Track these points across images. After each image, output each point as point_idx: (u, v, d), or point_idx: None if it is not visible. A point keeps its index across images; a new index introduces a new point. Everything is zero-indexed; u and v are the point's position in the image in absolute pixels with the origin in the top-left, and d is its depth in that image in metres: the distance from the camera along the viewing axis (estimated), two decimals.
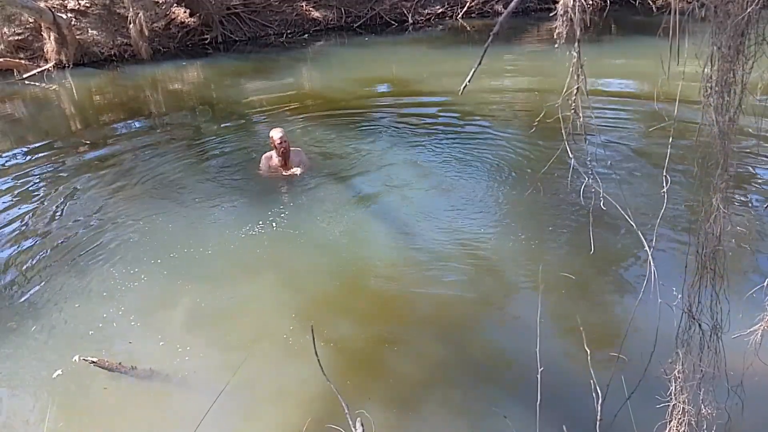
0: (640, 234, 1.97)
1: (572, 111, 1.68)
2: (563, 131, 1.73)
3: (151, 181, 5.52)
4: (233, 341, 3.42)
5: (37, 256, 4.33)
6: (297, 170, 5.31)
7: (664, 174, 1.83)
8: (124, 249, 4.33)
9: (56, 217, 4.94)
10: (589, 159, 1.85)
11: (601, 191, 1.81)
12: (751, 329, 1.79)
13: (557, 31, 1.64)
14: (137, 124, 7.70)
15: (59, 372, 3.14)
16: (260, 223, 4.62)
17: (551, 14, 1.72)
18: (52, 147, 6.89)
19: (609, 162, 5.00)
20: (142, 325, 3.57)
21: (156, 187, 5.40)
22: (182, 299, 3.79)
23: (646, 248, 1.89)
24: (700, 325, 1.76)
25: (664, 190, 1.83)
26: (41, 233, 4.69)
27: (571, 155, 1.76)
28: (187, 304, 3.73)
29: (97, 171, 5.87)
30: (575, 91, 1.68)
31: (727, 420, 1.93)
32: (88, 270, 4.10)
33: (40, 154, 6.63)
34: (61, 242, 4.51)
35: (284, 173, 5.31)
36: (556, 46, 1.66)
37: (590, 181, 1.83)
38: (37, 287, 3.95)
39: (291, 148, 5.31)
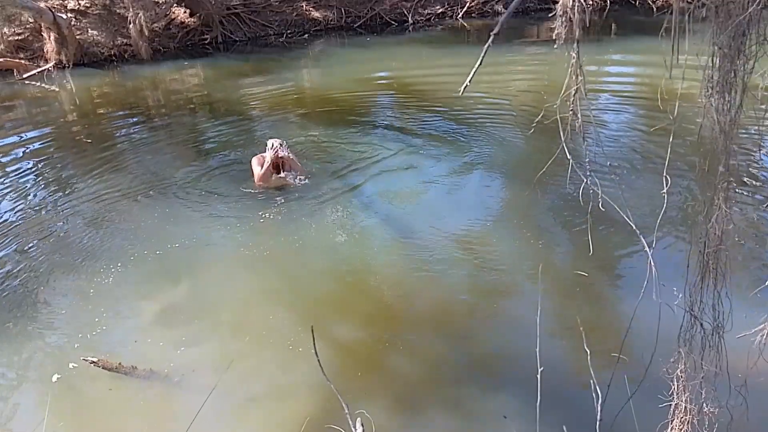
0: (639, 234, 1.96)
1: (570, 111, 1.68)
2: (561, 132, 1.73)
3: (151, 182, 5.52)
4: (233, 341, 3.42)
5: (34, 256, 4.33)
6: (290, 177, 5.10)
7: (665, 174, 1.83)
8: (122, 249, 4.33)
9: (53, 217, 4.94)
10: (587, 160, 1.85)
11: (600, 192, 1.81)
12: (757, 329, 1.78)
13: (556, 31, 1.64)
14: (137, 124, 7.70)
15: (58, 376, 3.13)
16: (260, 223, 4.62)
17: (550, 14, 1.72)
18: (52, 147, 6.89)
19: (608, 162, 5.00)
20: (141, 325, 3.57)
21: (155, 187, 5.40)
22: (181, 299, 3.79)
23: (646, 248, 1.89)
24: (702, 324, 1.76)
25: (665, 190, 1.83)
26: (38, 233, 4.68)
27: (569, 156, 1.76)
28: (185, 304, 3.73)
29: (96, 171, 5.86)
30: (574, 91, 1.68)
31: (730, 420, 1.92)
32: (85, 270, 4.10)
33: (40, 154, 6.63)
34: (58, 242, 4.51)
35: (276, 179, 5.12)
36: (555, 46, 1.65)
37: (588, 181, 1.83)
38: (34, 288, 3.95)
39: (286, 154, 5.10)
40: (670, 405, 1.89)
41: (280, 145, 5.07)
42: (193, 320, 3.58)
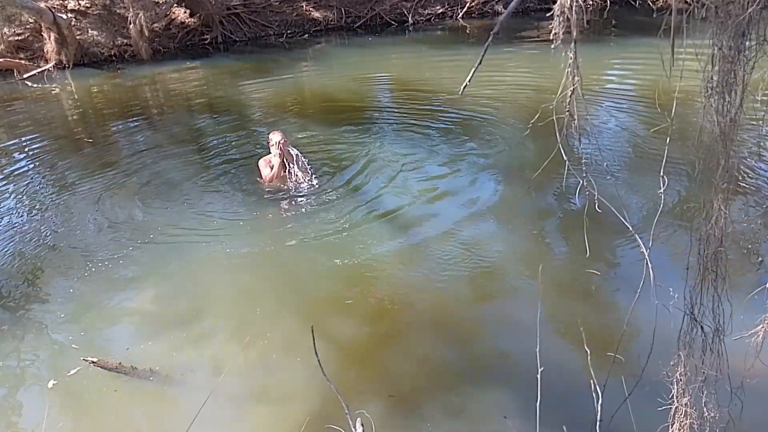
0: (636, 235, 1.96)
1: (567, 112, 1.68)
2: (557, 133, 1.72)
3: (150, 183, 5.52)
4: (233, 340, 3.41)
5: (33, 256, 4.33)
6: (300, 175, 5.11)
7: (662, 174, 1.83)
8: (121, 249, 4.32)
9: (52, 217, 4.93)
10: (584, 161, 1.85)
11: (596, 193, 1.80)
12: (753, 331, 1.78)
13: (554, 31, 1.63)
14: (137, 125, 7.70)
15: (55, 382, 3.12)
16: (260, 223, 4.62)
17: (548, 14, 1.71)
18: (52, 147, 6.89)
19: (606, 163, 5.01)
20: (140, 325, 3.57)
21: (155, 188, 5.40)
22: (181, 299, 3.79)
23: (643, 249, 1.89)
24: (702, 327, 1.75)
25: (662, 190, 1.83)
26: (37, 233, 4.68)
27: (565, 157, 1.76)
28: (185, 304, 3.73)
29: (95, 172, 5.86)
30: (570, 92, 1.67)
31: (728, 421, 1.92)
32: (84, 271, 4.09)
33: (40, 155, 6.63)
34: (57, 242, 4.50)
35: (285, 178, 5.12)
36: (552, 46, 1.65)
37: (585, 183, 1.82)
38: (31, 288, 3.95)
39: (291, 151, 5.16)
40: (670, 408, 1.88)
41: (282, 141, 5.03)
42: (193, 320, 3.57)
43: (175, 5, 12.09)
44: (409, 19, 12.88)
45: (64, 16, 10.64)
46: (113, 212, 4.94)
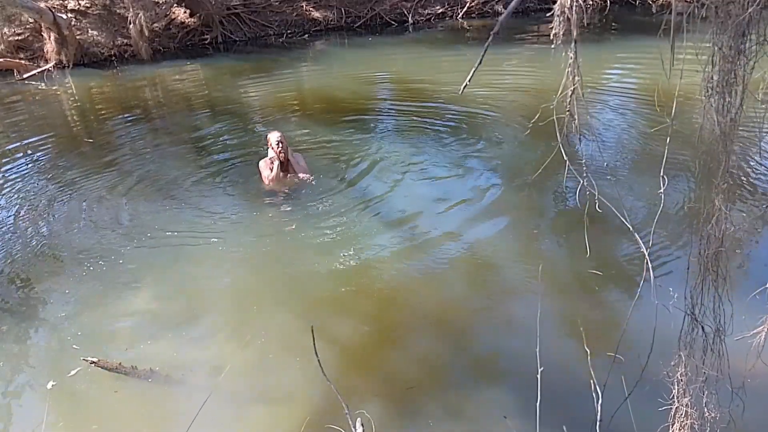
0: (636, 235, 1.96)
1: (567, 112, 1.67)
2: (557, 133, 1.72)
3: (150, 183, 5.51)
4: (233, 340, 3.41)
5: (33, 257, 4.32)
6: (301, 176, 5.12)
7: (662, 174, 1.83)
8: (121, 250, 4.32)
9: (51, 217, 4.93)
10: (584, 161, 1.84)
11: (596, 193, 1.80)
12: (754, 331, 1.78)
13: (554, 31, 1.63)
14: (137, 125, 7.70)
15: (54, 383, 3.12)
16: (260, 223, 4.61)
17: (548, 14, 1.71)
18: (51, 147, 6.89)
19: (606, 163, 5.01)
20: (140, 325, 3.56)
21: (154, 188, 5.40)
22: (181, 299, 3.79)
23: (643, 249, 1.89)
24: (702, 327, 1.75)
25: (662, 190, 1.83)
26: (36, 233, 4.68)
27: (565, 157, 1.75)
28: (185, 304, 3.73)
29: (95, 172, 5.86)
30: (570, 92, 1.67)
31: (729, 421, 1.92)
32: (84, 271, 4.09)
33: (40, 154, 6.63)
34: (57, 242, 4.50)
35: (286, 179, 5.12)
36: (552, 46, 1.65)
37: (585, 182, 1.82)
38: (31, 289, 3.95)
39: (291, 152, 5.17)
40: (670, 408, 1.88)
41: (281, 141, 5.03)
42: (192, 319, 3.57)
43: (175, 5, 12.09)
44: (409, 19, 12.89)
45: (64, 16, 10.64)
46: (112, 212, 4.94)
